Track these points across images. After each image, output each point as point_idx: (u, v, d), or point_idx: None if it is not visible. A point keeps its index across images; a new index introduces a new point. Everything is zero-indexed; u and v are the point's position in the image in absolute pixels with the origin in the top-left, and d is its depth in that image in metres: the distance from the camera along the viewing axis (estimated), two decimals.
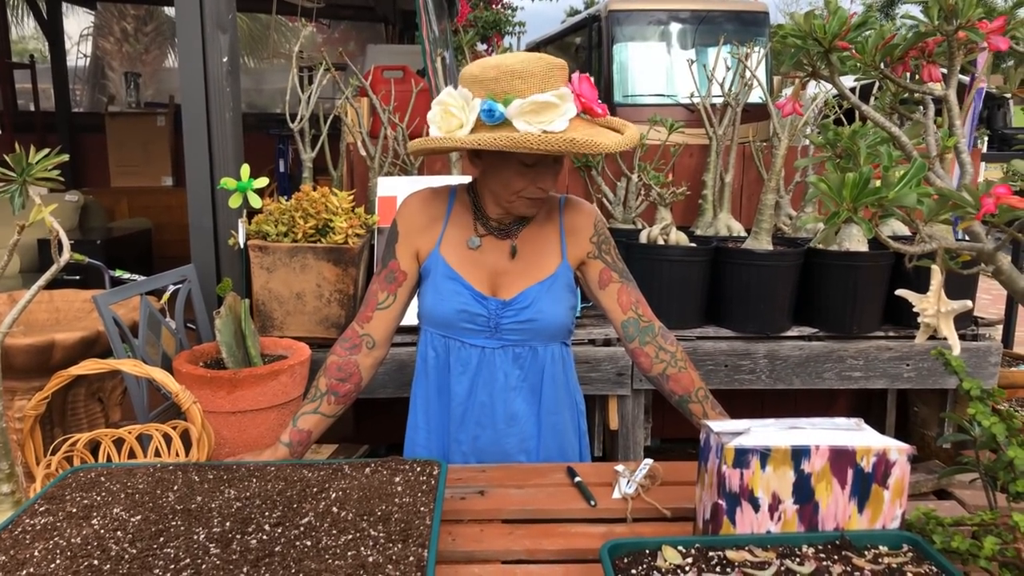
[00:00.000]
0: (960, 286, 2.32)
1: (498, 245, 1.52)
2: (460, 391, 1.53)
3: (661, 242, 2.41)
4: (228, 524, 1.05)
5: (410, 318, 1.63)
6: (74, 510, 1.10)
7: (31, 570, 0.95)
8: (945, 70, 1.04)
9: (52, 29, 7.15)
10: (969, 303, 1.06)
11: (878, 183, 0.88)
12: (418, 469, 1.21)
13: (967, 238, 1.01)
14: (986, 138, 10.41)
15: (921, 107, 1.11)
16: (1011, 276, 0.99)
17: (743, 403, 2.97)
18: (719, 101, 2.93)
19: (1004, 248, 0.98)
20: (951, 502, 1.38)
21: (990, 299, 6.18)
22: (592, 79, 1.38)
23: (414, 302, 1.61)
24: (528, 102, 1.28)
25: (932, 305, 1.07)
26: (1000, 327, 2.96)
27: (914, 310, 1.09)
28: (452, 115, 1.35)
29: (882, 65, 1.02)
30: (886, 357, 2.40)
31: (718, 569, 0.94)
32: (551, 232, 1.54)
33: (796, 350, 2.40)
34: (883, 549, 1.00)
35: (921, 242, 0.95)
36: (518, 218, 1.51)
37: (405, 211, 1.55)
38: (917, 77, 1.06)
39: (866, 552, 0.99)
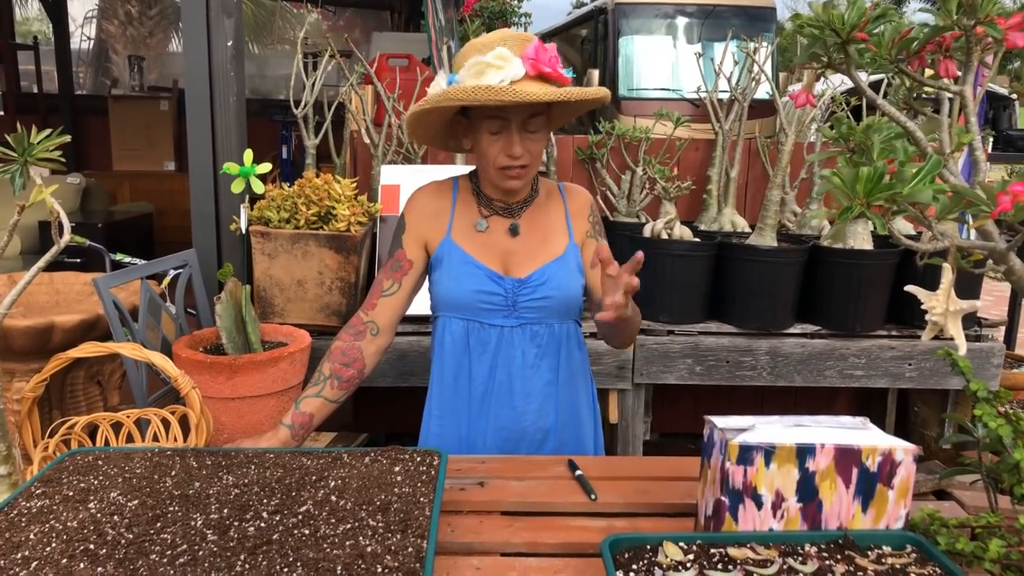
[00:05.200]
0: (965, 287, 2.31)
1: (504, 225, 1.56)
2: (480, 372, 1.54)
3: (665, 236, 2.40)
4: (226, 511, 1.04)
5: (414, 308, 1.62)
6: (71, 493, 1.09)
7: (26, 553, 0.94)
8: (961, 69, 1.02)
9: (56, 11, 7.10)
10: (978, 303, 1.05)
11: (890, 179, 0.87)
12: (418, 459, 1.20)
13: (976, 236, 1.00)
14: (991, 139, 10.38)
15: (933, 103, 1.10)
16: (1022, 276, 0.97)
17: (744, 399, 2.97)
18: (725, 96, 2.91)
19: (1015, 248, 0.96)
20: (951, 503, 1.37)
21: (992, 300, 6.18)
22: (551, 48, 1.40)
23: (421, 294, 1.62)
24: (469, 63, 1.37)
25: (941, 303, 1.06)
26: (1003, 328, 2.95)
27: (922, 307, 1.08)
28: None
29: (898, 59, 1.01)
30: (888, 356, 2.40)
31: (720, 566, 0.93)
32: (556, 214, 1.59)
33: (798, 347, 2.39)
34: (887, 549, 0.99)
35: (933, 240, 0.94)
36: (521, 199, 1.56)
37: (412, 204, 1.60)
38: (932, 72, 1.05)
39: (869, 552, 0.98)
